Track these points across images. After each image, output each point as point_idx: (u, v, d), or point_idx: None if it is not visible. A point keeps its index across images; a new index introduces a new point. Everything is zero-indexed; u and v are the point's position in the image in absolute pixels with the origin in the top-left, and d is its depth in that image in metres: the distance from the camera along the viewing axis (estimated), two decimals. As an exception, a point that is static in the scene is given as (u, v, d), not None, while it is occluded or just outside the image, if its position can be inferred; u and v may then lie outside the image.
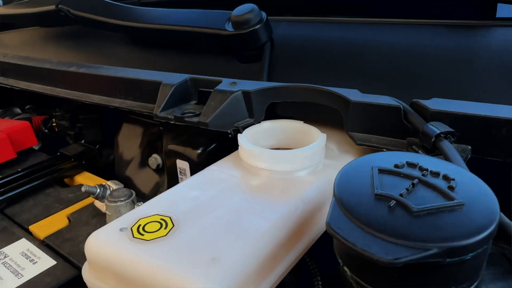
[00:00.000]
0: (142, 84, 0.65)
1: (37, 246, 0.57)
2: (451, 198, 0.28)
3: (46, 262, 0.54)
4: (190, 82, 0.62)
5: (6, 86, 0.86)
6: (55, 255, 0.55)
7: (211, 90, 0.60)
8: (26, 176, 0.73)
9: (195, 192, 0.42)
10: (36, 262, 0.54)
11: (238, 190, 0.43)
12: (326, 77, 0.66)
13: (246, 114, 0.57)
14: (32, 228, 0.62)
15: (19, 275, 0.52)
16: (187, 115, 0.60)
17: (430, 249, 0.24)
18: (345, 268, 0.29)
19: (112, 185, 0.64)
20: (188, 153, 0.69)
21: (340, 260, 0.30)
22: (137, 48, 0.86)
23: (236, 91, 0.55)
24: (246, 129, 0.52)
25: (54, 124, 0.96)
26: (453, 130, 0.42)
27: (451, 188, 0.29)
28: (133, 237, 0.35)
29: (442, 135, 0.41)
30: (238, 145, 0.50)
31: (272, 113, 0.59)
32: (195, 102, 0.63)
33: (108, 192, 0.63)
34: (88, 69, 0.71)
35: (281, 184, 0.43)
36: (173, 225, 0.36)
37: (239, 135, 0.49)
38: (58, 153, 0.81)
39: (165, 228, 0.36)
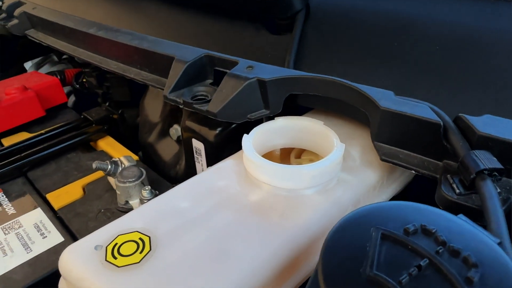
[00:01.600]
0: (156, 56, 0.59)
1: (49, 219, 0.58)
2: (465, 300, 0.21)
3: (55, 237, 0.55)
4: (206, 59, 0.56)
5: (35, 40, 0.85)
6: (64, 230, 0.56)
7: (227, 71, 0.54)
8: (49, 139, 0.74)
9: (186, 203, 0.39)
10: (46, 236, 0.55)
11: (233, 206, 0.38)
12: (365, 59, 0.56)
13: (262, 104, 0.50)
14: (49, 196, 0.63)
15: (28, 249, 0.53)
16: (198, 97, 0.55)
17: None
18: None
19: (125, 161, 0.62)
20: (204, 133, 0.64)
21: None
22: (165, 7, 0.79)
23: (251, 79, 0.48)
24: (256, 127, 0.46)
25: (84, 80, 0.95)
26: (502, 167, 0.33)
27: (469, 281, 0.22)
28: (106, 259, 0.32)
29: (485, 172, 0.33)
30: None
31: (293, 102, 0.52)
32: (210, 81, 0.57)
33: (120, 169, 0.61)
34: (106, 32, 0.67)
35: (283, 204, 0.38)
36: (150, 249, 0.33)
37: (244, 137, 0.43)
38: (82, 116, 0.81)
39: (141, 252, 0.33)
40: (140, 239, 0.34)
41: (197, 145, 0.66)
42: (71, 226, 0.57)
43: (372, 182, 0.43)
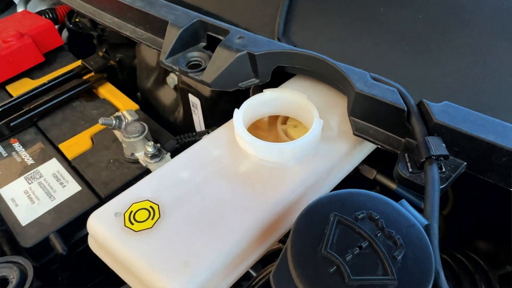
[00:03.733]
0: (149, 17, 0.61)
1: (65, 168, 0.66)
2: (387, 273, 0.30)
3: (73, 186, 0.63)
4: (198, 24, 0.58)
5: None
6: (80, 180, 0.64)
7: (219, 37, 0.57)
8: (53, 88, 0.78)
9: (186, 173, 0.46)
10: (65, 185, 0.64)
11: (226, 176, 0.45)
12: (353, 24, 0.59)
13: (252, 74, 0.54)
14: (61, 147, 0.70)
15: (52, 197, 0.62)
16: (193, 63, 0.58)
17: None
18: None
19: (128, 116, 0.68)
20: (199, 89, 0.69)
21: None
22: None
23: (242, 51, 0.52)
24: (246, 101, 0.51)
25: (77, 20, 0.95)
26: (447, 153, 0.40)
27: (394, 258, 0.30)
28: (125, 225, 0.41)
29: (433, 157, 0.39)
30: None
31: (281, 68, 0.55)
32: (204, 44, 0.60)
33: (124, 124, 0.67)
34: (98, -14, 0.67)
35: (268, 175, 0.46)
36: (159, 216, 0.42)
37: (235, 112, 0.49)
38: (81, 63, 0.83)
39: (152, 219, 0.41)
40: (151, 207, 0.42)
41: (193, 99, 0.71)
42: (86, 175, 0.65)
43: (345, 151, 0.50)
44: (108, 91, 0.82)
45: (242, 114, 0.49)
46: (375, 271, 0.30)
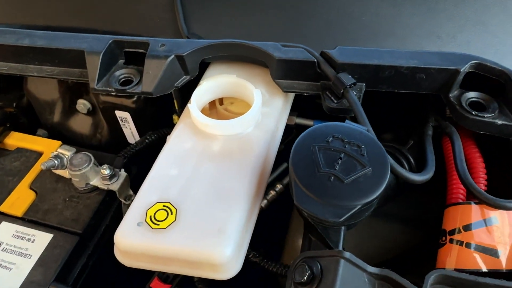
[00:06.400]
0: (59, 52, 0.62)
1: (23, 225, 0.64)
2: (363, 165, 0.45)
3: (43, 237, 0.62)
4: (114, 44, 0.62)
5: None
6: (47, 228, 0.63)
7: (138, 50, 0.62)
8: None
9: (175, 170, 0.53)
10: (35, 240, 0.62)
11: (207, 159, 0.54)
12: (243, 4, 0.70)
13: (182, 72, 0.62)
14: (3, 209, 0.66)
15: (28, 256, 0.60)
16: (123, 80, 0.62)
17: (355, 206, 0.42)
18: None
19: (65, 152, 0.68)
20: (125, 103, 0.73)
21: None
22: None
23: (170, 56, 0.59)
24: (192, 96, 0.59)
25: None
26: (354, 81, 0.56)
27: (362, 155, 0.46)
28: (152, 228, 0.47)
29: (347, 86, 0.56)
30: None
31: (204, 60, 0.64)
32: (122, 61, 0.64)
33: (65, 160, 0.67)
34: (-23, 35, 0.63)
35: (237, 145, 0.56)
36: (176, 209, 0.49)
37: (190, 107, 0.57)
38: (-26, 122, 0.76)
39: (172, 214, 0.48)
40: (164, 206, 0.49)
41: (121, 114, 0.75)
42: (49, 222, 0.64)
43: (280, 106, 0.63)
44: (18, 139, 0.77)
45: (196, 106, 0.57)
46: (356, 168, 0.45)
